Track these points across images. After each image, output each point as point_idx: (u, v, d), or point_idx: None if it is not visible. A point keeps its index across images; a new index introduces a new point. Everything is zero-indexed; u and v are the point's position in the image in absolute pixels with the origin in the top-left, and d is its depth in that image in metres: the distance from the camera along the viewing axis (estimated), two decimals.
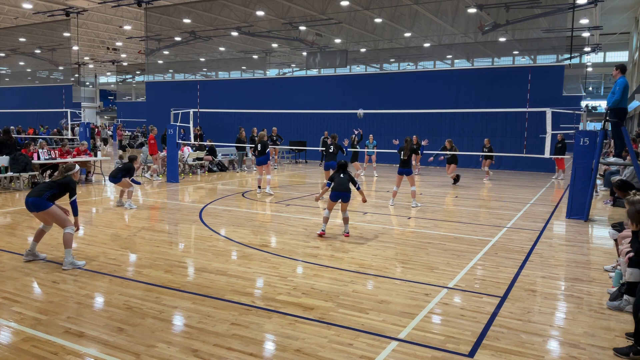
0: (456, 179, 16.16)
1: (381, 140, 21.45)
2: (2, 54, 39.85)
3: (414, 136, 17.26)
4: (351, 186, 8.32)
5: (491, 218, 10.35)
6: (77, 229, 6.59)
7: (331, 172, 9.74)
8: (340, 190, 8.21)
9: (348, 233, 8.34)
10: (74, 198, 6.43)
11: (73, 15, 27.98)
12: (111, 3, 26.33)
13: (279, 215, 10.17)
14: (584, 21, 26.18)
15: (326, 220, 8.35)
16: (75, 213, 6.45)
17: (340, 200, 8.27)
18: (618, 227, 6.63)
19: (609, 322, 4.73)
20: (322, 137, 22.49)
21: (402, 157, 11.33)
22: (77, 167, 6.80)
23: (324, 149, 15.78)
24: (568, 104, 20.75)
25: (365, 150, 18.82)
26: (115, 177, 10.87)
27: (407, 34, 31.37)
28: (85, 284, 5.59)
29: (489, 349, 4.09)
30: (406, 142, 11.47)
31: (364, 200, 8.72)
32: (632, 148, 10.20)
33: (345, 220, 8.43)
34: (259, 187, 13.24)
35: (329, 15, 27.80)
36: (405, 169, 11.35)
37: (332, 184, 8.32)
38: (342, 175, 8.33)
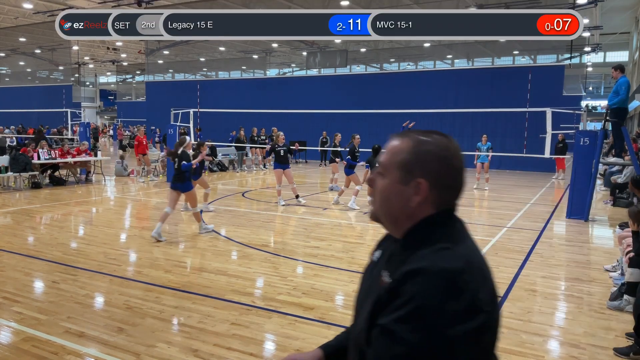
0: None
1: (382, 141, 21.40)
2: (2, 54, 39.82)
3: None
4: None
5: (491, 218, 10.34)
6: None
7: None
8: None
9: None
10: (183, 164, 7.88)
11: None
12: (111, 3, 26.31)
13: (279, 215, 10.17)
14: (584, 21, 26.12)
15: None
16: (187, 167, 7.94)
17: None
18: (625, 226, 6.63)
19: (609, 322, 4.72)
20: (321, 137, 22.44)
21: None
22: (188, 138, 8.31)
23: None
24: (568, 104, 20.67)
25: (476, 154, 14.88)
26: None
27: None
28: (85, 284, 5.59)
29: None
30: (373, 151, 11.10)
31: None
32: (632, 148, 10.20)
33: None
34: (297, 196, 11.34)
35: None
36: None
37: None
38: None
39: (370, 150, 10.90)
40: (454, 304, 1.05)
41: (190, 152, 8.35)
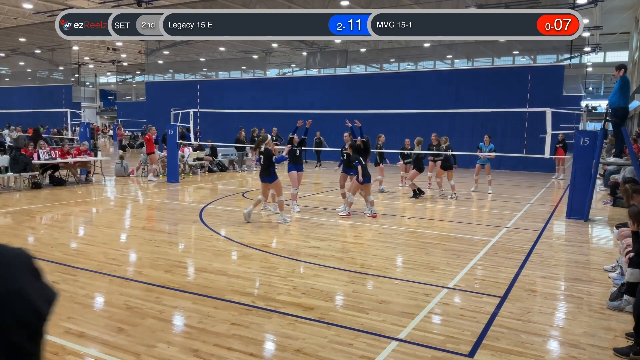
0: (416, 192, 12.66)
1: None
2: (2, 54, 39.84)
3: (406, 140, 15.02)
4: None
5: (491, 218, 10.34)
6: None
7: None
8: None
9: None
10: (275, 158, 9.19)
11: None
12: (111, 3, 26.31)
13: (279, 216, 10.16)
14: (584, 21, 26.11)
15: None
16: (281, 159, 9.49)
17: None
18: (622, 227, 6.63)
19: (609, 322, 4.73)
20: (315, 138, 22.26)
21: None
22: (268, 135, 9.81)
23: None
24: (568, 104, 20.69)
25: (479, 154, 14.07)
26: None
27: None
28: (85, 284, 5.59)
29: (489, 349, 4.09)
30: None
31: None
32: (632, 148, 10.20)
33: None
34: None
35: None
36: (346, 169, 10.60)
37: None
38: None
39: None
40: None
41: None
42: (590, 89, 43.38)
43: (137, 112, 36.87)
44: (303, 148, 11.27)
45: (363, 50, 34.57)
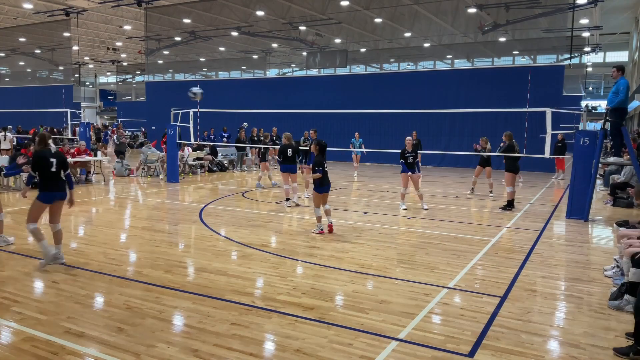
0: (509, 204, 11.30)
1: (382, 141, 21.45)
2: (2, 54, 39.81)
3: (414, 132, 17.15)
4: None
5: (491, 218, 10.34)
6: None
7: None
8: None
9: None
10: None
11: (73, 15, 27.95)
12: (111, 3, 26.30)
13: (279, 215, 10.17)
14: (584, 21, 26.17)
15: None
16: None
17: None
18: (623, 225, 6.63)
19: (609, 322, 4.73)
20: (302, 137, 22.15)
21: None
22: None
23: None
24: (568, 104, 20.72)
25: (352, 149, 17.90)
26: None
27: (407, 34, 31.35)
28: (85, 284, 5.59)
29: (489, 349, 4.09)
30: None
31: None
32: (632, 148, 10.20)
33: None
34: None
35: (329, 15, 27.77)
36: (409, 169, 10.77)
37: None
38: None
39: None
40: None
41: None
42: (590, 89, 43.39)
43: (137, 112, 36.86)
44: (301, 148, 11.32)
45: (363, 50, 34.58)
